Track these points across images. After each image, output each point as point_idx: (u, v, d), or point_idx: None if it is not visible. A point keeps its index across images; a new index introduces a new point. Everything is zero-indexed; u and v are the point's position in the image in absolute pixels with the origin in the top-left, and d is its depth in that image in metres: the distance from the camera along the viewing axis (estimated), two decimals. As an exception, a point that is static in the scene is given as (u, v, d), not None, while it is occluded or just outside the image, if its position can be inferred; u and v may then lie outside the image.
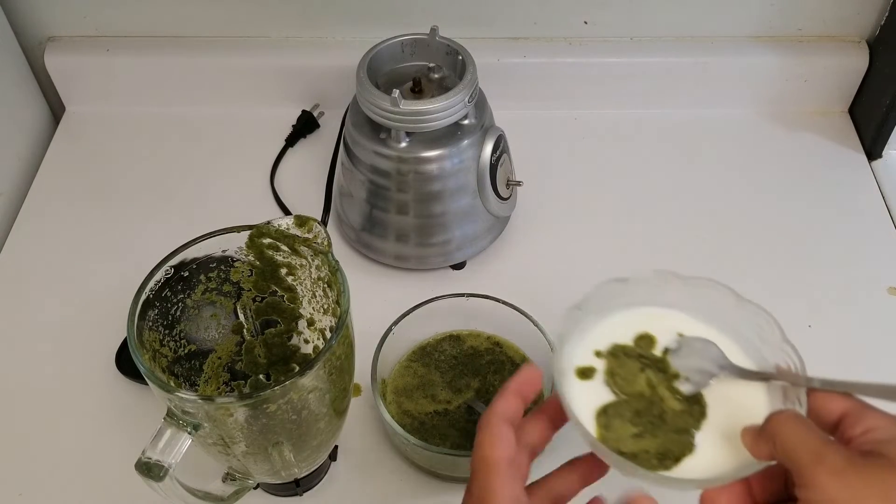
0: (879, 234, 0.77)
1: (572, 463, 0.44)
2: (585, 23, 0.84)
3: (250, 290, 0.55)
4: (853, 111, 0.88)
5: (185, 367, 0.54)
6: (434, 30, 0.69)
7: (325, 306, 0.54)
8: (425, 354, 0.65)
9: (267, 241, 0.52)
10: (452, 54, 0.68)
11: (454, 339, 0.65)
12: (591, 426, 0.41)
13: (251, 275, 0.54)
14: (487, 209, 0.71)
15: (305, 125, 0.86)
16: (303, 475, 0.57)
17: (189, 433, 0.45)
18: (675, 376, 0.43)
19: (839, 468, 0.33)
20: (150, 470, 0.44)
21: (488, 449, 0.40)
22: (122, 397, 0.66)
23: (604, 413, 0.42)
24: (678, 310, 0.46)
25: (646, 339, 0.45)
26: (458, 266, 0.74)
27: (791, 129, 0.87)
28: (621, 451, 0.40)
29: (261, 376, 0.59)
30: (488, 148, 0.68)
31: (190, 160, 0.84)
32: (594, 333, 0.45)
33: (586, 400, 0.43)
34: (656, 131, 0.87)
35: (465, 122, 0.67)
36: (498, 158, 0.69)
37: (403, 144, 0.66)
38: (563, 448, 0.44)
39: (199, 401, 0.44)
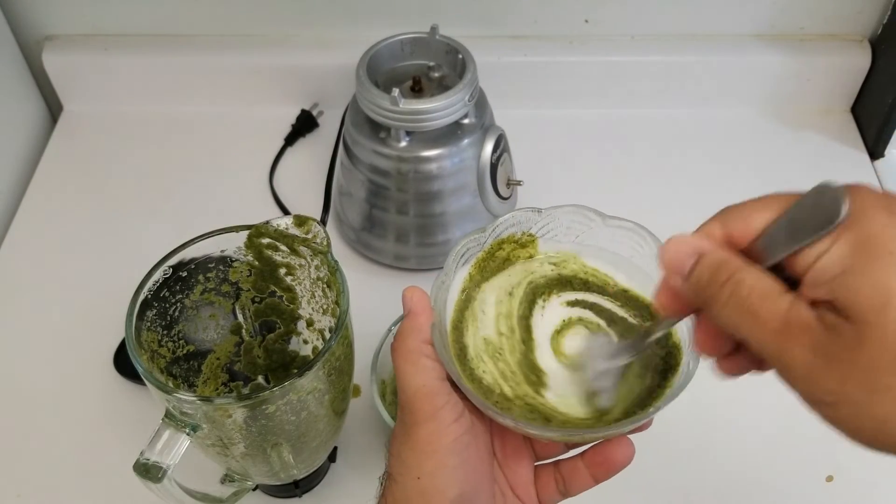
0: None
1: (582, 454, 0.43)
2: (586, 21, 0.84)
3: (249, 290, 0.55)
4: (855, 110, 0.87)
5: (184, 368, 0.54)
6: (434, 28, 0.68)
7: (325, 306, 0.54)
8: (425, 355, 0.64)
9: (266, 240, 0.52)
10: (452, 53, 0.68)
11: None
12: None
13: (250, 275, 0.54)
14: (487, 209, 0.70)
15: (304, 124, 0.85)
16: (302, 476, 0.57)
17: (187, 434, 0.44)
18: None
19: (808, 361, 0.28)
20: (148, 471, 0.44)
21: (399, 341, 0.40)
22: (120, 398, 0.66)
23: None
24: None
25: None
26: (459, 266, 0.73)
27: (793, 128, 0.86)
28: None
29: (260, 378, 0.59)
30: (488, 147, 0.68)
31: (188, 160, 0.84)
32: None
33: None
34: (657, 130, 0.86)
35: (466, 121, 0.67)
36: (498, 158, 0.69)
37: (403, 144, 0.66)
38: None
39: (198, 401, 0.43)
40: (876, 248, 0.27)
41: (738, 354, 0.34)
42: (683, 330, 0.41)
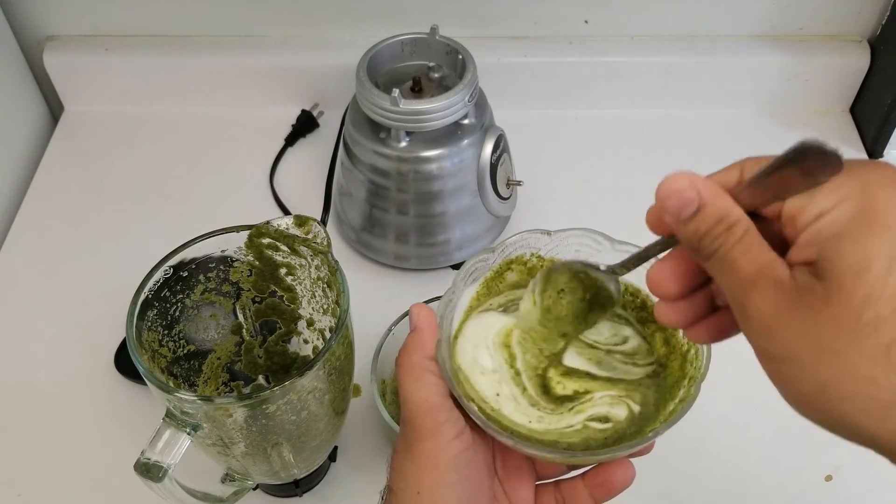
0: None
1: (584, 475, 0.43)
2: (586, 22, 0.84)
3: (250, 290, 0.55)
4: (854, 111, 0.87)
5: (184, 368, 0.54)
6: (434, 29, 0.68)
7: (325, 306, 0.54)
8: (425, 355, 0.64)
9: (266, 241, 0.52)
10: (452, 53, 0.68)
11: (454, 339, 0.65)
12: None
13: (250, 275, 0.54)
14: (487, 209, 0.70)
15: (305, 125, 0.85)
16: (302, 476, 0.57)
17: (188, 434, 0.45)
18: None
19: (768, 313, 0.29)
20: (149, 470, 0.44)
21: (403, 356, 0.40)
22: (121, 397, 0.66)
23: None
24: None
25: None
26: (458, 266, 0.73)
27: (792, 128, 0.86)
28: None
29: (260, 378, 0.59)
30: (488, 147, 0.68)
31: (189, 160, 0.84)
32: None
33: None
34: (657, 131, 0.86)
35: (465, 121, 0.67)
36: (498, 158, 0.69)
37: (403, 144, 0.66)
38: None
39: (198, 401, 0.43)
40: (876, 219, 0.27)
41: (680, 305, 0.35)
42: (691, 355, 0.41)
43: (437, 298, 0.63)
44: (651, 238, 0.37)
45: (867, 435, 0.27)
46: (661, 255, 0.37)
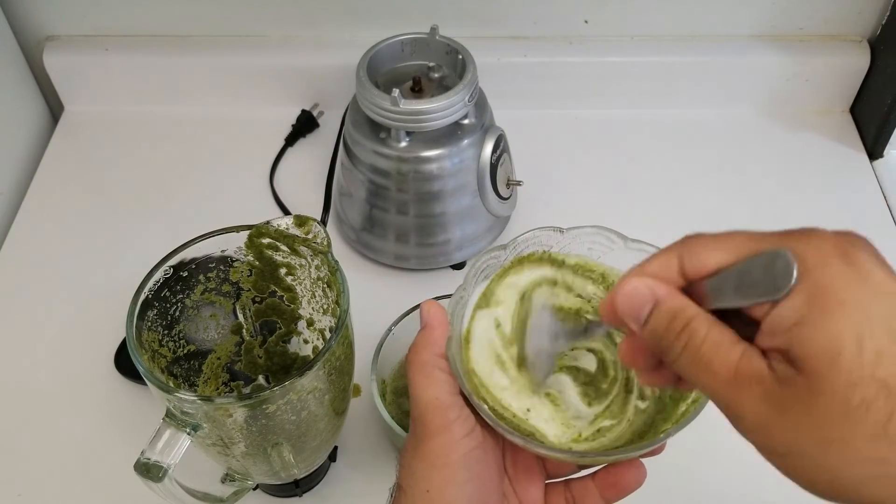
0: (880, 233, 0.77)
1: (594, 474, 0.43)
2: (586, 22, 0.84)
3: (250, 290, 0.55)
4: (854, 111, 0.87)
5: (184, 368, 0.54)
6: (434, 29, 0.68)
7: (325, 306, 0.54)
8: (425, 355, 0.64)
9: (266, 241, 0.52)
10: (452, 53, 0.68)
11: (454, 339, 0.65)
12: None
13: (250, 275, 0.54)
14: (487, 209, 0.70)
15: (305, 125, 0.85)
16: (302, 476, 0.57)
17: (188, 434, 0.45)
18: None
19: (759, 411, 0.29)
20: (149, 470, 0.44)
21: (413, 354, 0.40)
22: (120, 397, 0.66)
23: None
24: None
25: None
26: (458, 266, 0.73)
27: (792, 128, 0.86)
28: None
29: (260, 378, 0.59)
30: (488, 147, 0.68)
31: (189, 160, 0.84)
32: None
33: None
34: (656, 131, 0.86)
35: (465, 121, 0.67)
36: (498, 158, 0.69)
37: (403, 144, 0.66)
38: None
39: (198, 401, 0.44)
40: (828, 299, 0.27)
41: (662, 370, 0.34)
42: None
43: (444, 297, 0.63)
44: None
45: None
46: None
